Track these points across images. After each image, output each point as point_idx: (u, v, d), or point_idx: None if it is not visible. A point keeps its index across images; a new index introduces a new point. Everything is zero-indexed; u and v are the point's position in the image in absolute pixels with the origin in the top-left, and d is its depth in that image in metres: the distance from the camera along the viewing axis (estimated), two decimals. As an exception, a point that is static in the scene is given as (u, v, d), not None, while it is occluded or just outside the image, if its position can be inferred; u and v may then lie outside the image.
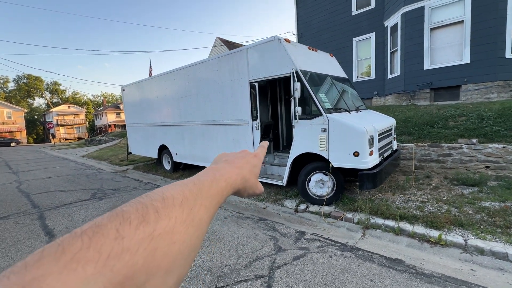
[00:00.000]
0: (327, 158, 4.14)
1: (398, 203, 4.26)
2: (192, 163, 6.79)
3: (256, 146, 5.03)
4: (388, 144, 4.76)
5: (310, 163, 4.54)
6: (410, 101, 9.84)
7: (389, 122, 5.00)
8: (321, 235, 3.55)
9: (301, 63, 4.46)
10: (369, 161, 3.87)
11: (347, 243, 3.32)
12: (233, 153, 0.48)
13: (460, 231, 3.31)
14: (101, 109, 52.86)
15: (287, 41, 4.56)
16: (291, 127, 5.46)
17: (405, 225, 3.51)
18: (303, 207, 4.47)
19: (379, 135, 4.23)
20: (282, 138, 6.47)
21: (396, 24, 10.09)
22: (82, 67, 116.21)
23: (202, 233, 0.30)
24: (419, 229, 3.39)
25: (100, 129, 44.72)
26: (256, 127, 5.03)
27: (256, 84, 4.94)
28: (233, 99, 5.36)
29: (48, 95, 57.78)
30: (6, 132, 40.00)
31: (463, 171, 5.27)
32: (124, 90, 9.10)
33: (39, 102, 59.57)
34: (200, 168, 6.89)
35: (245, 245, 3.35)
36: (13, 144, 34.19)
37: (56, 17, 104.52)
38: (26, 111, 47.91)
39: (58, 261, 0.19)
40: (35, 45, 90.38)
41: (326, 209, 4.25)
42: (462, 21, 8.46)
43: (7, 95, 51.22)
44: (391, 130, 5.01)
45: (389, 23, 10.59)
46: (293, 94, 4.28)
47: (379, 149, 4.26)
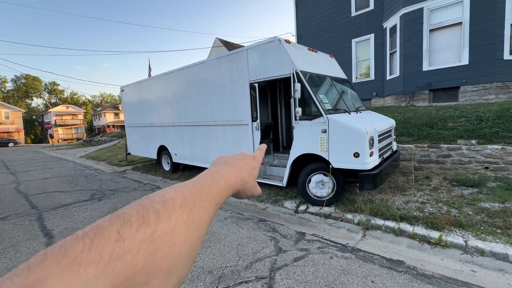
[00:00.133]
0: (327, 159, 4.14)
1: (398, 204, 4.26)
2: (191, 163, 6.77)
3: (256, 146, 5.02)
4: (388, 145, 4.77)
5: (310, 164, 4.54)
6: (409, 102, 9.87)
7: (388, 123, 5.01)
8: (322, 236, 3.55)
9: (301, 64, 4.46)
10: (369, 162, 3.87)
11: (347, 244, 3.32)
12: (232, 155, 0.49)
13: (460, 232, 3.31)
14: (100, 109, 52.70)
15: (287, 42, 4.56)
16: (291, 127, 5.46)
17: (405, 226, 3.51)
18: (303, 208, 4.46)
19: (379, 136, 4.23)
20: (282, 139, 6.47)
21: (395, 25, 10.13)
22: (81, 67, 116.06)
23: (202, 234, 0.30)
24: (420, 230, 3.39)
25: (98, 129, 44.56)
26: (256, 127, 5.02)
27: (256, 84, 4.94)
28: (233, 99, 5.36)
29: (46, 95, 57.60)
30: (4, 132, 39.81)
31: (463, 172, 5.28)
32: (123, 90, 9.08)
33: (37, 102, 59.46)
34: (199, 168, 6.87)
35: (246, 246, 3.34)
36: (11, 144, 34.02)
37: (55, 17, 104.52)
38: (24, 111, 47.73)
39: (60, 262, 0.19)
40: (34, 45, 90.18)
41: (326, 210, 4.25)
42: (460, 23, 8.51)
43: (5, 95, 51.00)
44: (390, 131, 5.02)
45: (388, 25, 10.63)
46: (293, 95, 4.28)
47: (379, 150, 4.27)
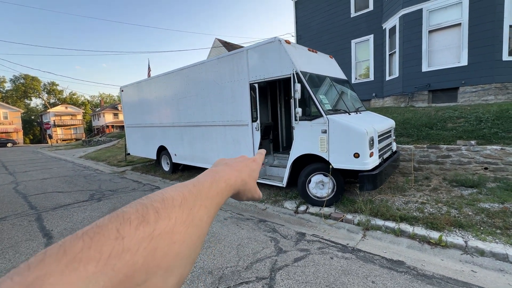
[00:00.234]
0: (327, 159, 4.14)
1: (398, 204, 4.27)
2: (191, 164, 6.76)
3: (256, 147, 5.02)
4: (387, 145, 4.78)
5: (310, 164, 4.54)
6: (408, 102, 9.90)
7: (388, 123, 5.02)
8: (322, 237, 3.55)
9: (301, 65, 4.46)
10: (369, 162, 3.87)
11: (347, 244, 3.32)
12: (232, 158, 0.50)
13: (460, 232, 3.32)
14: (99, 109, 52.61)
15: (287, 42, 4.57)
16: (290, 128, 5.47)
17: (405, 227, 3.52)
18: (303, 208, 4.46)
19: (379, 137, 4.24)
20: (281, 139, 6.47)
21: (394, 26, 10.16)
22: (80, 67, 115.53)
23: (202, 233, 0.30)
24: (420, 231, 3.40)
25: (97, 129, 44.45)
26: (256, 128, 5.02)
27: (256, 85, 4.94)
28: (233, 100, 5.35)
29: (45, 96, 57.43)
30: (2, 132, 39.67)
31: (462, 172, 5.29)
32: (122, 90, 9.07)
33: (36, 102, 59.26)
34: (199, 169, 6.87)
35: (246, 246, 3.33)
36: (9, 144, 33.91)
37: (55, 17, 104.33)
38: (23, 111, 47.61)
39: (60, 261, 0.19)
40: (34, 45, 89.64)
41: (326, 210, 4.25)
42: (459, 24, 8.54)
43: (4, 95, 50.83)
44: (390, 131, 5.03)
45: (387, 26, 10.66)
46: (293, 95, 4.28)
47: (379, 151, 4.27)
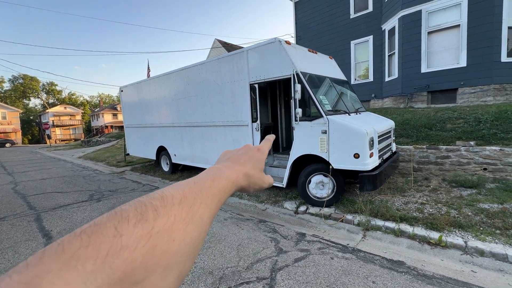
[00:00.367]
0: (328, 159, 4.14)
1: (397, 204, 4.28)
2: (191, 164, 6.76)
3: None
4: (387, 146, 4.79)
5: (310, 164, 4.54)
6: (407, 103, 9.93)
7: (388, 124, 5.03)
8: (322, 237, 3.55)
9: (301, 65, 4.47)
10: (369, 162, 3.88)
11: (348, 244, 3.32)
12: (236, 150, 0.48)
13: (460, 232, 3.33)
14: (98, 110, 52.50)
15: (288, 43, 4.57)
16: (290, 128, 5.48)
17: (405, 227, 3.52)
18: (303, 208, 4.46)
19: (379, 137, 4.25)
20: (281, 139, 6.47)
21: (393, 27, 10.19)
22: (79, 67, 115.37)
23: (203, 231, 0.30)
24: (419, 231, 3.40)
25: (96, 130, 44.36)
26: (256, 128, 5.02)
27: (256, 85, 4.94)
28: (233, 100, 5.36)
29: (44, 96, 57.26)
30: (1, 132, 39.52)
31: (461, 173, 5.31)
32: (122, 91, 9.06)
33: (34, 102, 59.08)
34: (199, 169, 6.86)
35: (246, 247, 3.33)
36: (8, 145, 33.78)
37: (55, 17, 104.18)
38: (21, 111, 47.45)
39: (58, 259, 0.20)
40: (33, 45, 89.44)
41: (326, 210, 4.25)
42: (458, 25, 8.58)
43: (2, 95, 50.65)
44: (390, 132, 5.04)
45: (386, 27, 10.70)
46: (293, 96, 4.29)
47: (379, 151, 4.28)
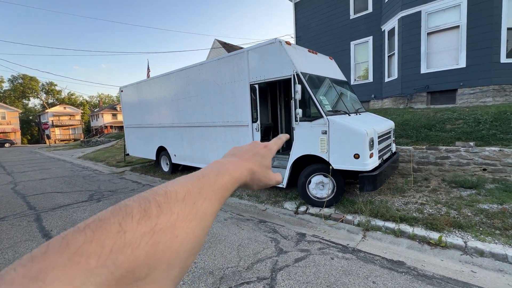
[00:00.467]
0: (328, 160, 4.15)
1: (397, 205, 4.29)
2: (191, 164, 6.75)
3: None
4: (387, 146, 4.80)
5: (310, 165, 4.55)
6: (407, 104, 9.95)
7: (388, 124, 5.04)
8: (322, 237, 3.55)
9: (301, 66, 4.48)
10: (369, 163, 3.89)
11: (348, 245, 3.33)
12: (242, 146, 0.48)
13: (459, 233, 3.33)
14: (97, 110, 52.46)
15: (288, 43, 4.58)
16: (290, 129, 5.47)
17: (405, 227, 3.53)
18: (303, 209, 4.47)
19: (379, 138, 4.26)
20: (281, 140, 6.47)
21: (393, 28, 10.22)
22: (78, 67, 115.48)
23: (205, 227, 0.30)
24: (419, 231, 3.41)
25: (96, 130, 44.32)
26: (256, 129, 5.03)
27: (256, 86, 4.95)
28: (233, 100, 5.36)
29: (43, 96, 57.20)
30: (0, 132, 39.47)
31: (461, 173, 5.32)
32: (122, 91, 9.06)
33: (34, 102, 59.05)
34: (199, 170, 6.85)
35: (246, 247, 3.33)
36: (7, 145, 33.72)
37: (54, 17, 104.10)
38: (20, 111, 47.39)
39: (62, 254, 0.20)
40: (32, 45, 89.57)
41: (326, 211, 4.26)
42: (458, 26, 8.60)
43: (2, 95, 50.58)
44: (390, 132, 5.05)
45: (386, 27, 10.72)
46: (293, 96, 4.30)
47: (379, 152, 4.29)
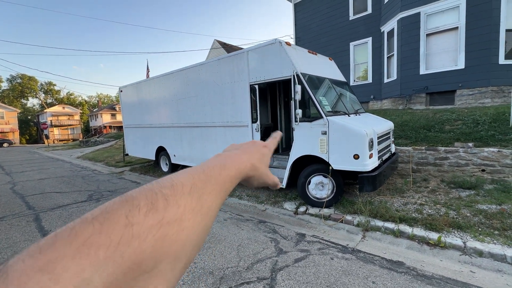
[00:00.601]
0: (327, 160, 4.16)
1: (397, 205, 4.30)
2: (190, 165, 6.75)
3: None
4: (386, 147, 4.81)
5: (309, 165, 4.56)
6: (406, 105, 9.98)
7: (387, 125, 5.06)
8: (322, 237, 3.56)
9: (301, 66, 4.49)
10: (369, 163, 3.90)
11: (347, 245, 3.33)
12: (242, 143, 0.48)
13: (458, 233, 3.35)
14: (96, 110, 52.35)
15: (288, 44, 4.59)
16: (290, 129, 5.48)
17: (404, 228, 3.54)
18: (302, 209, 4.47)
19: (378, 138, 4.27)
20: (281, 140, 6.47)
21: (392, 29, 10.25)
22: (77, 67, 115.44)
23: (210, 220, 0.30)
24: (419, 232, 3.42)
25: (95, 130, 44.24)
26: (256, 129, 5.04)
27: (256, 86, 4.96)
28: (233, 101, 5.37)
29: (42, 96, 57.05)
30: (-2, 132, 39.34)
31: (460, 174, 5.34)
32: (121, 91, 9.05)
33: (32, 102, 58.87)
34: (198, 170, 6.85)
35: (246, 247, 3.34)
36: (5, 144, 33.58)
37: (54, 17, 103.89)
38: (19, 111, 47.21)
39: (71, 245, 0.19)
40: (31, 44, 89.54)
41: (326, 211, 4.26)
42: (457, 28, 8.64)
43: (0, 95, 50.41)
44: (389, 133, 5.07)
45: (385, 28, 10.75)
46: (293, 96, 4.31)
47: (378, 152, 4.31)
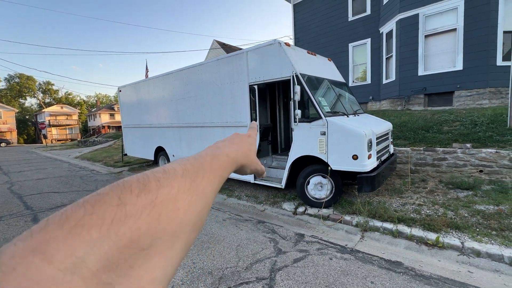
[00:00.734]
0: (326, 161, 4.17)
1: (395, 206, 4.31)
2: (189, 165, 6.74)
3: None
4: (385, 147, 4.83)
5: (308, 166, 4.56)
6: (404, 106, 10.02)
7: (386, 126, 5.08)
8: (321, 238, 3.57)
9: (300, 67, 4.50)
10: (367, 164, 3.91)
11: (346, 245, 3.34)
12: (225, 138, 0.50)
13: (456, 233, 3.37)
14: (95, 110, 52.20)
15: (287, 45, 4.61)
16: (289, 130, 5.50)
17: (403, 228, 3.56)
18: (301, 209, 4.48)
19: (377, 139, 4.29)
20: (280, 141, 6.50)
21: (391, 30, 10.29)
22: (76, 67, 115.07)
23: (207, 203, 0.31)
24: (417, 232, 3.44)
25: (93, 130, 44.11)
26: (255, 129, 5.03)
27: (255, 87, 4.96)
28: (232, 101, 5.37)
29: (40, 95, 56.79)
30: (-4, 132, 39.13)
31: (458, 175, 5.37)
32: (120, 91, 9.03)
33: (30, 102, 58.55)
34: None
35: (245, 247, 3.34)
36: (3, 144, 33.41)
37: (54, 17, 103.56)
38: (17, 111, 46.95)
39: (62, 227, 0.20)
40: (30, 44, 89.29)
41: (324, 211, 4.27)
42: (455, 29, 8.69)
43: (-2, 94, 50.20)
44: (388, 134, 5.09)
45: (384, 30, 10.80)
46: (292, 97, 4.31)
47: (377, 153, 4.32)
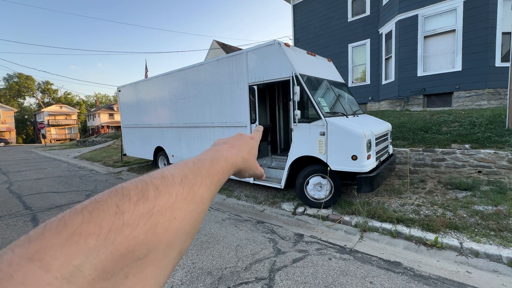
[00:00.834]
0: (326, 161, 4.18)
1: (394, 206, 4.32)
2: (188, 165, 6.74)
3: None
4: (384, 148, 4.85)
5: (308, 166, 4.57)
6: (404, 106, 10.04)
7: (385, 126, 5.09)
8: (320, 238, 3.58)
9: (300, 67, 4.51)
10: (366, 164, 3.93)
11: (345, 245, 3.35)
12: (229, 137, 0.50)
13: (455, 234, 3.38)
14: (94, 109, 52.12)
15: (287, 45, 4.61)
16: (289, 130, 5.51)
17: (402, 228, 3.57)
18: (301, 210, 4.49)
19: (376, 139, 4.30)
20: (280, 141, 6.50)
21: (390, 31, 10.32)
22: (75, 67, 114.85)
23: (203, 210, 0.31)
24: (416, 232, 3.45)
25: (92, 130, 44.06)
26: (254, 129, 5.04)
27: (255, 87, 4.97)
28: (232, 101, 5.37)
29: (39, 95, 56.66)
30: (-6, 131, 39.02)
31: (457, 175, 5.38)
32: (120, 91, 9.02)
33: (29, 101, 58.49)
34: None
35: (244, 247, 3.34)
36: (1, 144, 33.36)
37: (54, 17, 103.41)
38: (16, 110, 46.86)
39: (60, 234, 0.20)
40: (29, 43, 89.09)
41: (324, 212, 4.28)
42: (454, 30, 8.72)
43: (-3, 94, 50.06)
44: (387, 134, 5.10)
45: (384, 30, 10.82)
46: (292, 97, 4.32)
47: (376, 153, 4.33)
